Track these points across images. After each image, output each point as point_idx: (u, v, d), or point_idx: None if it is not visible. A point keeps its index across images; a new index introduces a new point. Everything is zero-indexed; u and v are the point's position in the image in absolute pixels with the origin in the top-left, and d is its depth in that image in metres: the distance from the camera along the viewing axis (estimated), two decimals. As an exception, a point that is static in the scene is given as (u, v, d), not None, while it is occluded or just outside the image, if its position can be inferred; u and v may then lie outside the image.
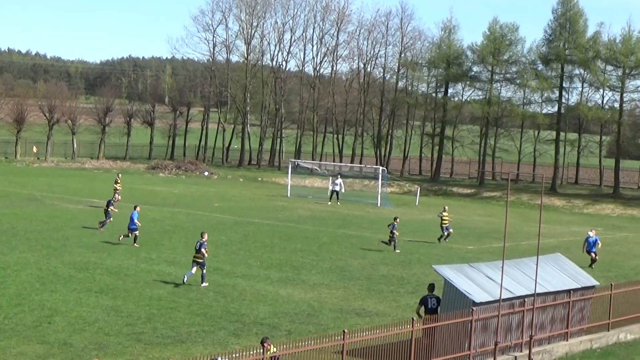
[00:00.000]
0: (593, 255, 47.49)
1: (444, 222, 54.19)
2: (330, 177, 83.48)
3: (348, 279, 39.43)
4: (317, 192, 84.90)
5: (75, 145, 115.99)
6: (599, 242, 48.54)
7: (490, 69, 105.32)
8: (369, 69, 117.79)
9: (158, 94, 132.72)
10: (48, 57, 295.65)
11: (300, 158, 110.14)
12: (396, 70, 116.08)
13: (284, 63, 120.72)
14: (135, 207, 47.51)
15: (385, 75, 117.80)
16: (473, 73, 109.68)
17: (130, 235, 45.94)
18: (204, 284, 35.88)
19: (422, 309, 27.55)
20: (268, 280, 37.89)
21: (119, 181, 65.44)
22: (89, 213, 57.98)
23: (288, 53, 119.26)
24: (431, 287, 28.32)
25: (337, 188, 76.73)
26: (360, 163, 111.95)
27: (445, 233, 54.05)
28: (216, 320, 30.14)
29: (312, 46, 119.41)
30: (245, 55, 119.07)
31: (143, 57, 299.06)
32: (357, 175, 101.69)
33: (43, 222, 52.28)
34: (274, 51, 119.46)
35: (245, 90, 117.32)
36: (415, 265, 44.20)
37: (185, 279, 35.86)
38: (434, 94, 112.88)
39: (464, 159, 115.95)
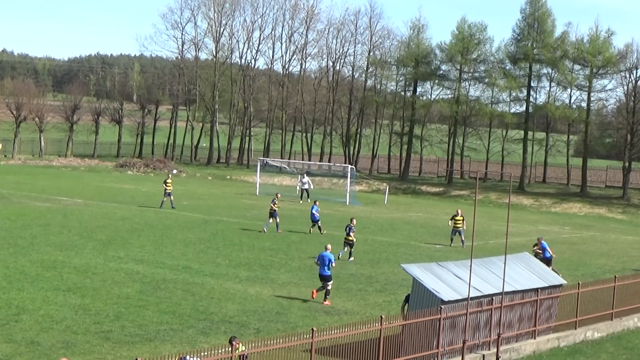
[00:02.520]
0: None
1: (457, 225, 53.22)
2: (299, 176, 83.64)
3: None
4: (286, 191, 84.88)
5: (42, 143, 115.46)
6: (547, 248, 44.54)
7: (458, 67, 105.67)
8: (337, 68, 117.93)
9: (126, 91, 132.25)
10: (15, 53, 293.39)
11: (269, 156, 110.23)
12: (365, 69, 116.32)
13: (252, 61, 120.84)
14: (315, 202, 56.75)
15: (354, 73, 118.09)
16: (442, 72, 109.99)
17: (315, 226, 54.66)
18: (351, 259, 44.59)
19: (407, 306, 27.75)
20: (237, 278, 37.86)
21: (168, 181, 64.95)
22: (56, 211, 57.72)
23: (257, 51, 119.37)
24: None
25: (306, 186, 76.96)
26: (329, 161, 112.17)
27: (461, 237, 53.22)
28: (185, 319, 30.08)
29: (281, 44, 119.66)
30: (214, 53, 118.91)
31: (111, 55, 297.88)
32: (326, 173, 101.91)
33: (10, 220, 51.96)
34: (243, 49, 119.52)
35: (214, 89, 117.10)
36: (383, 264, 44.28)
37: (340, 255, 44.12)
38: (402, 93, 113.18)
39: (432, 158, 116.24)
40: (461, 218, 53.45)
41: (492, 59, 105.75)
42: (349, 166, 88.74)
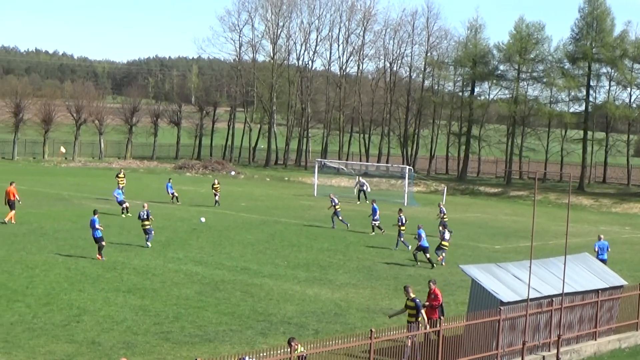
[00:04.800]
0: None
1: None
2: (357, 177, 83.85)
3: (375, 278, 39.41)
4: (344, 192, 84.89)
5: (102, 145, 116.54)
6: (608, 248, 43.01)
7: (516, 67, 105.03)
8: (395, 68, 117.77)
9: (184, 93, 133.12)
10: (75, 57, 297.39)
11: (327, 158, 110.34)
12: (422, 70, 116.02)
13: (310, 62, 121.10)
14: (373, 202, 57.43)
15: (412, 74, 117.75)
16: (499, 72, 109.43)
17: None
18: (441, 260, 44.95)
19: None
20: (295, 279, 37.94)
21: (216, 185, 67.68)
22: (115, 212, 58.09)
23: (314, 52, 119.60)
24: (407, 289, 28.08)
25: (364, 188, 77.12)
26: (387, 162, 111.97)
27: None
28: (244, 320, 30.20)
29: (338, 46, 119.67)
30: (272, 55, 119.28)
31: (170, 57, 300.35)
32: (384, 174, 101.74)
33: (71, 222, 52.52)
34: (300, 51, 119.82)
35: (272, 90, 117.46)
36: (441, 265, 44.10)
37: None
38: (460, 93, 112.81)
39: (490, 159, 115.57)
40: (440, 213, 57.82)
41: (551, 59, 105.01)
42: (407, 167, 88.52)
